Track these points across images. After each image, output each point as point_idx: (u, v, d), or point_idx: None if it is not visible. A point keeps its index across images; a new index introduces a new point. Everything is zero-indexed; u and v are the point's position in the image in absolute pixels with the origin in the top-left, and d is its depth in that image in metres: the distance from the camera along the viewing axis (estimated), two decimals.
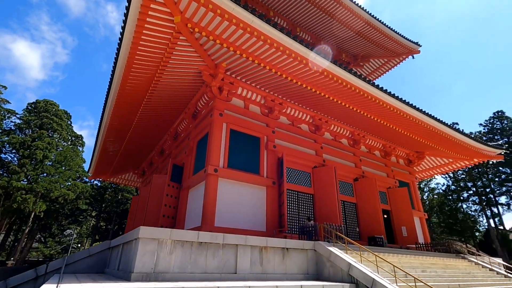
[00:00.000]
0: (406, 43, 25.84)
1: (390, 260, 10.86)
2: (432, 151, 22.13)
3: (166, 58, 11.88)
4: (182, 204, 14.54)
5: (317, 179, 15.71)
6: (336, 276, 9.04)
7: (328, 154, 17.35)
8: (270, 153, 14.62)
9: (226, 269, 8.05)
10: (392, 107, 14.76)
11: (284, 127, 16.05)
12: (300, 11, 21.78)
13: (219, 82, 13.53)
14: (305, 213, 14.93)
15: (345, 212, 16.89)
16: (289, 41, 10.99)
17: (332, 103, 14.93)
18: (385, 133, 19.29)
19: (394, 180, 20.40)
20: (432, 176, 29.36)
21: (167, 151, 20.45)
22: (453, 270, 11.97)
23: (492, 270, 14.06)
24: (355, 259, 9.10)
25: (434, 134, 17.98)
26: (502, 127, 34.91)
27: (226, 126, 13.71)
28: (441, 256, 14.51)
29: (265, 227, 12.91)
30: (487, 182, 35.64)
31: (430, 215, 38.83)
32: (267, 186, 13.74)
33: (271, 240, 9.12)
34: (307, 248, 9.96)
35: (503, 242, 32.07)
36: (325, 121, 17.49)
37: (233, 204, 12.57)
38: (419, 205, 21.51)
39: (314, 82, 13.04)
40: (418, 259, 12.12)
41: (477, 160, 22.47)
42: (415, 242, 17.68)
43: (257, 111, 15.45)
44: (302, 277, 9.39)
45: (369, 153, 20.39)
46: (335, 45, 26.59)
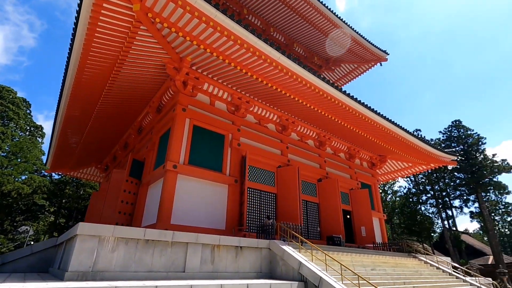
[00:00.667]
0: (374, 50, 26.82)
1: (343, 258, 11.20)
2: (393, 155, 23.18)
3: (126, 47, 11.38)
4: (141, 200, 14.03)
5: (281, 179, 15.84)
6: (288, 275, 9.12)
7: (293, 154, 17.56)
8: (234, 151, 14.52)
9: (174, 268, 7.83)
10: (354, 110, 15.19)
11: (251, 126, 16.01)
12: (273, 10, 21.88)
13: (183, 77, 13.19)
14: (267, 212, 14.99)
15: (307, 212, 17.19)
16: (254, 39, 10.94)
17: (298, 104, 15.09)
18: (350, 136, 19.90)
19: (356, 182, 21.11)
20: (394, 179, 30.80)
21: (130, 146, 19.67)
22: (402, 269, 12.56)
23: (439, 269, 14.95)
24: (306, 258, 9.24)
25: (393, 139, 18.80)
26: (459, 135, 37.49)
27: (189, 122, 13.41)
28: (394, 255, 15.20)
29: (225, 226, 12.78)
30: (443, 186, 38.07)
31: (392, 217, 40.80)
32: (229, 184, 13.62)
33: (224, 238, 9.02)
34: (262, 246, 9.97)
35: (455, 243, 34.40)
36: (292, 121, 17.68)
37: (192, 202, 12.31)
38: (379, 207, 22.43)
39: (279, 82, 13.09)
40: (371, 258, 12.59)
41: (433, 165, 23.84)
42: (373, 241, 18.38)
43: (223, 108, 15.28)
44: (255, 275, 9.38)
45: (334, 155, 20.94)
46: (307, 48, 27.05)
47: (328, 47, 26.30)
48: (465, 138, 36.59)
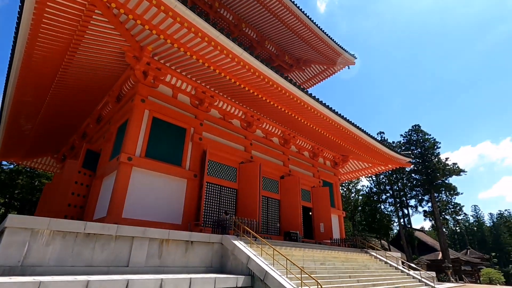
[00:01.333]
0: (343, 53, 27.64)
1: (295, 254, 11.55)
2: (355, 156, 24.19)
3: (80, 31, 10.76)
4: (94, 193, 13.44)
5: (243, 175, 15.94)
6: (237, 269, 9.24)
7: (257, 151, 17.72)
8: (195, 145, 14.35)
9: (117, 263, 7.62)
10: (315, 110, 15.56)
11: (214, 121, 15.90)
12: (245, 5, 21.80)
13: (143, 66, 12.76)
14: (227, 208, 15.04)
15: (268, 208, 17.49)
16: (216, 33, 10.83)
17: (262, 101, 15.19)
18: (314, 135, 20.43)
19: (319, 180, 21.79)
20: (355, 178, 32.17)
21: (89, 136, 18.73)
22: (351, 263, 13.21)
23: (387, 263, 15.91)
24: (256, 253, 9.40)
25: (354, 140, 19.60)
26: (417, 139, 40.03)
27: (148, 114, 13.03)
28: (347, 250, 15.94)
29: (181, 220, 12.64)
30: (401, 187, 40.54)
31: (355, 214, 42.70)
32: (188, 178, 13.46)
33: (173, 232, 8.92)
34: (214, 241, 10.00)
35: (409, 240, 36.81)
36: (257, 118, 17.81)
37: (148, 196, 12.02)
38: (339, 204, 23.36)
39: (242, 78, 13.09)
40: (323, 253, 13.10)
41: (391, 166, 25.24)
42: (330, 237, 19.15)
43: (187, 101, 15.01)
44: (204, 270, 9.39)
45: (299, 153, 21.43)
46: (279, 46, 27.28)
47: (299, 47, 26.73)
48: (422, 142, 39.16)
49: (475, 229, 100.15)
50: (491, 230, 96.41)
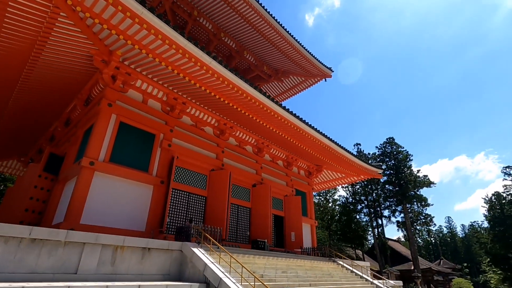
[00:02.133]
0: (320, 66, 28.51)
1: (258, 262, 11.59)
2: (328, 166, 24.72)
3: (44, 32, 10.63)
4: (55, 198, 12.99)
5: (212, 182, 15.92)
6: (194, 277, 9.17)
7: (229, 159, 17.79)
8: (164, 152, 14.26)
9: (64, 269, 7.40)
10: (287, 120, 15.92)
11: (186, 127, 15.89)
12: (223, 15, 22.13)
13: (112, 70, 12.68)
14: (195, 215, 14.93)
15: (239, 216, 17.49)
16: (184, 41, 10.97)
17: (234, 110, 15.39)
18: (288, 145, 20.77)
19: (292, 189, 22.05)
20: (329, 188, 32.74)
21: (57, 139, 18.18)
22: (315, 272, 13.37)
23: (353, 272, 16.20)
24: (214, 260, 9.38)
25: (326, 151, 20.11)
26: (391, 151, 41.47)
27: (115, 118, 12.88)
28: (314, 259, 16.14)
29: (145, 227, 12.43)
30: (376, 197, 41.62)
31: (331, 224, 43.26)
32: (154, 184, 13.30)
33: (129, 239, 8.77)
34: (173, 248, 9.90)
35: (382, 249, 37.61)
36: (230, 126, 17.95)
37: (110, 201, 11.78)
38: (312, 214, 23.66)
39: (213, 87, 13.25)
40: (287, 262, 13.20)
41: (363, 176, 25.94)
42: (301, 246, 19.31)
43: (158, 107, 14.96)
44: (161, 277, 9.26)
45: (272, 162, 21.67)
46: (258, 57, 27.78)
47: (277, 59, 27.34)
48: (396, 154, 40.60)
49: (448, 240, 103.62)
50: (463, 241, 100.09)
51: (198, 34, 24.80)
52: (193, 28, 23.97)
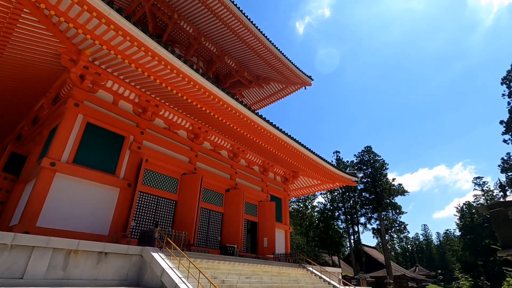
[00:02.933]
0: (300, 74, 29.00)
1: (222, 267, 11.54)
2: (304, 173, 25.03)
3: (7, 28, 10.33)
4: (15, 199, 12.47)
5: (184, 186, 15.78)
6: (152, 283, 9.02)
7: (203, 163, 17.71)
8: (133, 154, 14.03)
9: (9, 274, 7.10)
10: (261, 127, 16.09)
11: (158, 130, 15.72)
12: (203, 19, 22.21)
13: (81, 70, 12.41)
14: (164, 219, 14.72)
15: (210, 221, 17.37)
16: (153, 43, 10.92)
17: (208, 115, 15.39)
18: (264, 151, 20.92)
19: (266, 194, 22.14)
20: (305, 195, 33.10)
21: (23, 138, 17.53)
22: (282, 278, 13.43)
23: (321, 278, 16.37)
24: (174, 265, 9.27)
25: (301, 158, 20.41)
26: (368, 159, 42.59)
27: (82, 118, 12.58)
28: (284, 265, 16.22)
29: (108, 231, 12.12)
30: (353, 204, 42.45)
31: (309, 230, 43.63)
32: (121, 187, 13.03)
33: (84, 243, 8.54)
34: (133, 253, 9.71)
35: (357, 256, 38.26)
36: (205, 130, 17.91)
37: (72, 204, 11.43)
38: (287, 219, 23.82)
39: (185, 91, 13.23)
40: (254, 267, 13.21)
41: (338, 184, 26.43)
42: (273, 252, 19.36)
43: (129, 109, 14.75)
44: (117, 283, 9.04)
45: (248, 167, 21.73)
46: (239, 62, 27.99)
47: (258, 65, 27.65)
48: (373, 162, 41.69)
49: (424, 248, 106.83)
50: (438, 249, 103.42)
51: (179, 37, 24.76)
52: (173, 31, 23.92)
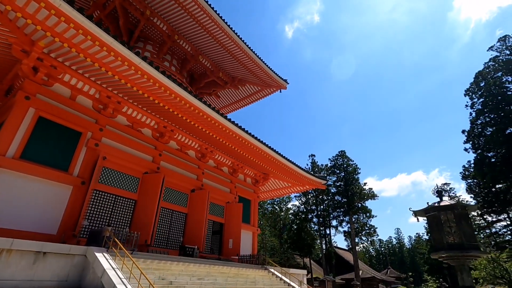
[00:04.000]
0: (276, 77, 29.28)
1: (174, 268, 11.40)
2: (274, 175, 25.24)
3: None
4: None
5: (145, 186, 15.48)
6: (93, 283, 8.76)
7: (168, 162, 17.45)
8: (90, 151, 13.60)
9: None
10: (228, 129, 16.05)
11: (120, 128, 15.35)
12: (176, 17, 21.96)
13: (34, 62, 11.92)
14: (122, 219, 14.35)
15: (173, 221, 17.12)
16: (109, 38, 10.67)
17: (174, 114, 15.19)
18: (232, 153, 20.91)
19: (234, 196, 22.12)
20: (276, 197, 33.37)
21: None
22: (238, 279, 13.44)
23: (282, 280, 16.52)
24: (118, 266, 9.05)
25: (270, 161, 20.58)
26: (342, 163, 43.60)
27: (34, 112, 12.05)
28: (244, 266, 16.23)
29: (57, 230, 11.66)
30: (326, 207, 43.26)
31: (283, 232, 43.97)
32: (74, 185, 12.59)
33: (19, 242, 8.17)
34: (76, 253, 9.39)
35: (328, 258, 38.97)
36: (171, 129, 17.67)
37: (18, 202, 10.91)
38: (255, 221, 23.89)
39: (146, 88, 13.00)
40: (210, 268, 13.12)
41: (308, 186, 26.85)
42: (237, 254, 19.34)
43: (88, 104, 14.30)
44: (56, 283, 8.71)
45: (217, 168, 21.63)
46: (214, 62, 27.88)
47: (233, 66, 27.66)
48: (346, 166, 42.71)
49: (397, 251, 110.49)
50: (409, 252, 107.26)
51: (152, 35, 24.36)
52: (146, 27, 23.49)
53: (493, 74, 29.52)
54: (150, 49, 24.67)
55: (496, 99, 28.23)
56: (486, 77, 29.78)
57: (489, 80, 29.22)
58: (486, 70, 30.95)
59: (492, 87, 28.51)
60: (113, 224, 13.93)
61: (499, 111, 27.82)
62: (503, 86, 28.60)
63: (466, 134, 30.49)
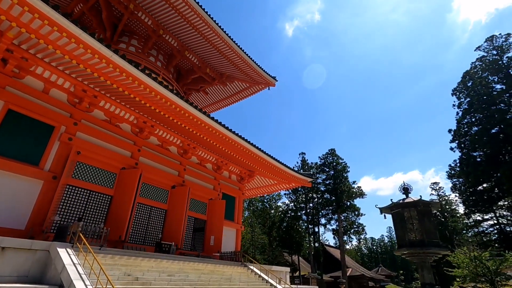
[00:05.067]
0: (264, 75, 29.13)
1: (144, 264, 11.28)
2: (260, 173, 25.17)
3: None
4: None
5: (121, 181, 15.30)
6: (54, 279, 8.59)
7: (147, 158, 17.26)
8: (63, 146, 13.37)
9: None
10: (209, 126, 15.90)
11: (97, 122, 15.11)
12: (160, 10, 21.66)
13: (2, 53, 11.64)
14: (96, 215, 14.17)
15: (151, 217, 16.97)
16: (78, 30, 10.40)
17: (152, 110, 14.99)
18: (216, 150, 20.76)
19: (218, 192, 22.00)
20: (262, 194, 33.34)
21: None
22: (214, 276, 13.34)
23: (260, 277, 16.46)
24: (80, 262, 8.90)
25: (254, 159, 20.50)
26: (331, 161, 43.68)
27: (2, 105, 11.80)
28: (225, 263, 16.16)
29: (25, 226, 11.46)
30: (316, 205, 43.37)
31: (272, 230, 44.02)
32: (45, 180, 12.37)
33: None
34: (38, 248, 9.20)
35: (316, 256, 39.11)
36: (151, 125, 17.47)
37: None
38: (239, 218, 23.82)
39: (120, 82, 12.76)
40: (184, 265, 13.01)
41: (294, 184, 26.82)
42: (218, 250, 19.25)
43: (63, 98, 14.05)
44: (15, 279, 8.53)
45: (200, 164, 21.48)
46: (201, 58, 27.64)
47: (220, 63, 27.46)
48: (336, 164, 42.81)
49: (388, 249, 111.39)
50: None
51: (137, 29, 24.06)
52: (130, 22, 23.19)
53: (480, 74, 29.71)
54: (135, 43, 24.38)
55: (482, 98, 28.41)
56: (473, 77, 29.99)
57: (476, 80, 29.41)
58: (473, 70, 31.19)
59: (479, 87, 28.66)
60: (88, 220, 13.75)
61: (485, 110, 28.00)
62: (489, 86, 28.78)
63: (453, 133, 30.68)
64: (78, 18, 23.64)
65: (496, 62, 28.78)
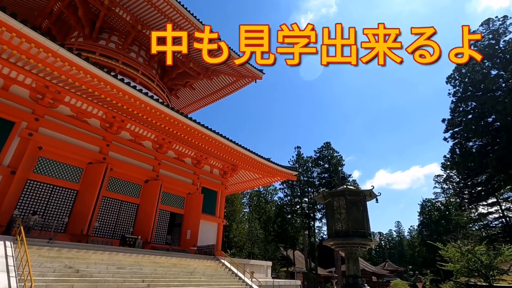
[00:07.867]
0: (250, 68, 28.71)
1: (95, 257, 11.33)
2: (243, 167, 24.95)
3: None
4: None
5: (87, 176, 15.40)
6: None
7: (117, 153, 17.29)
8: (24, 141, 13.50)
9: None
10: (177, 120, 15.82)
11: (61, 118, 15.20)
12: (137, 5, 21.56)
13: None
14: (60, 210, 14.32)
15: (121, 212, 17.06)
16: (18, 24, 10.38)
17: (117, 105, 14.96)
18: (193, 145, 20.63)
19: (197, 187, 21.93)
20: (246, 189, 33.13)
21: None
22: (172, 269, 13.28)
23: (230, 271, 16.35)
24: (14, 254, 8.96)
25: (232, 153, 20.35)
26: (327, 154, 42.97)
27: None
28: (194, 257, 16.19)
29: None
30: (312, 200, 42.86)
31: (268, 224, 43.85)
32: (3, 175, 12.55)
33: None
34: None
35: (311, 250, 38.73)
36: (121, 120, 17.47)
37: None
38: (221, 212, 23.73)
39: (74, 76, 12.79)
40: (141, 258, 13.01)
41: (278, 178, 26.53)
42: (194, 244, 19.24)
43: (24, 94, 14.17)
44: None
45: (178, 159, 21.42)
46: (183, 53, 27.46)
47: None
48: (331, 158, 42.09)
49: (397, 244, 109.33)
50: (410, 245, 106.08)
51: (117, 25, 24.11)
52: (108, 18, 23.23)
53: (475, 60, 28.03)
54: (116, 40, 24.45)
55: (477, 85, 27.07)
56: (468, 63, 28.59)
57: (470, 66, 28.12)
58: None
59: (474, 73, 27.32)
60: (51, 214, 13.91)
61: (479, 98, 26.69)
62: (484, 72, 27.42)
63: (447, 123, 29.50)
64: (57, 17, 23.94)
65: (492, 47, 27.33)
